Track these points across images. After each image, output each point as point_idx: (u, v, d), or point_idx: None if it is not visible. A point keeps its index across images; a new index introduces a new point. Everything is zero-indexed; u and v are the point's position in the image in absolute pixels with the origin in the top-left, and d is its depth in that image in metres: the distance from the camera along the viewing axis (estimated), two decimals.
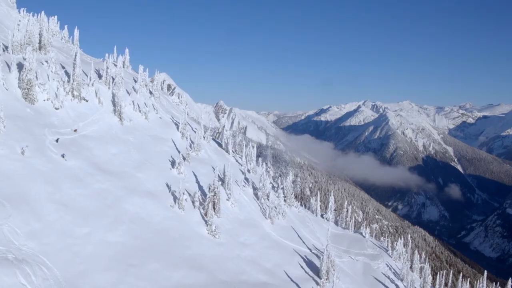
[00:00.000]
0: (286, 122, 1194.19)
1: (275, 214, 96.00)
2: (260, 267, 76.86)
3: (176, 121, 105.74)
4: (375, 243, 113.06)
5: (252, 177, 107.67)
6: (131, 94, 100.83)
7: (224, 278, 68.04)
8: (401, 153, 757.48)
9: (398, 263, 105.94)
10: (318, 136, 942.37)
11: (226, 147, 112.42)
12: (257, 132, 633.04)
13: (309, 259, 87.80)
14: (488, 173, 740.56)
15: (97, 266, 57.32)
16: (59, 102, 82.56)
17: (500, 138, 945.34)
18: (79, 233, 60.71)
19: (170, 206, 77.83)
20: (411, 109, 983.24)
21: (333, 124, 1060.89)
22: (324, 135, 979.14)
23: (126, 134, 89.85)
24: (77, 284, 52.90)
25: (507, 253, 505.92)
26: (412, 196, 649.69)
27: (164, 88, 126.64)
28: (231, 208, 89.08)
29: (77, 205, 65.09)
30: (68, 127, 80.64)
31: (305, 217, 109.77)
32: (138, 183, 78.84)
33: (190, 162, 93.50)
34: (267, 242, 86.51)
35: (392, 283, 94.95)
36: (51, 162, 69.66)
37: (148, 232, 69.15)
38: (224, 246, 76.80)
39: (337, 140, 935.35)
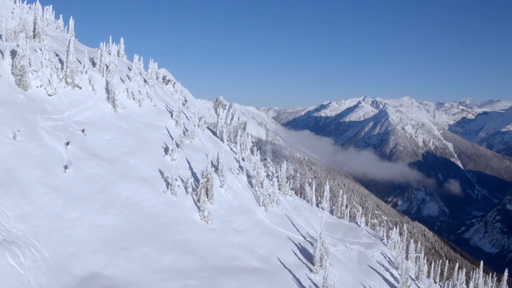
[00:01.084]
0: (286, 118, 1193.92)
1: (269, 202, 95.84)
2: (253, 253, 76.70)
3: (170, 109, 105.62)
4: (370, 232, 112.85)
5: (246, 165, 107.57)
6: (125, 82, 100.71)
7: (215, 263, 67.90)
8: (401, 148, 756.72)
9: (393, 252, 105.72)
10: (318, 132, 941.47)
11: (221, 135, 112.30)
12: (256, 127, 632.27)
13: (303, 247, 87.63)
14: (488, 169, 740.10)
15: (87, 248, 57.26)
16: (52, 88, 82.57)
17: (500, 134, 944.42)
18: (69, 216, 60.68)
19: (162, 192, 77.75)
20: (411, 105, 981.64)
21: (333, 120, 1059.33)
22: (324, 131, 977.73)
23: (119, 121, 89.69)
24: (66, 266, 52.82)
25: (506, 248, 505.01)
26: (412, 192, 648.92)
27: (160, 78, 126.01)
28: (225, 194, 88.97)
29: (68, 189, 65.04)
30: (61, 114, 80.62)
31: (300, 206, 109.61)
32: (130, 168, 78.74)
33: (184, 149, 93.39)
34: (261, 229, 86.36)
35: (386, 271, 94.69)
36: (43, 147, 69.58)
37: (139, 216, 69.06)
38: (217, 232, 76.67)
39: (337, 136, 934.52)
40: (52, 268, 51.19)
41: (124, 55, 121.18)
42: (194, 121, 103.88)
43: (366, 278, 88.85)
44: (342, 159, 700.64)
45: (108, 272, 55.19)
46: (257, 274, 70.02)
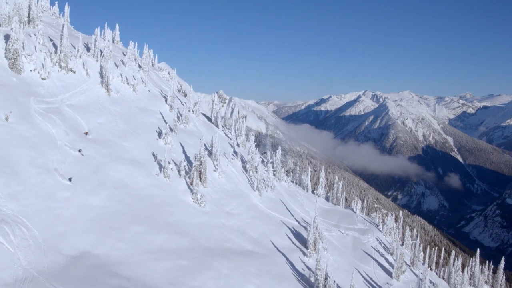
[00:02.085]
0: (286, 112, 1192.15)
1: (264, 187, 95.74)
2: (246, 236, 76.63)
3: (165, 95, 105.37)
4: (366, 219, 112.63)
5: (241, 151, 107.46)
6: (119, 67, 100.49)
7: (207, 244, 67.81)
8: (401, 143, 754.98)
9: (388, 238, 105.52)
10: (318, 126, 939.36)
11: (216, 121, 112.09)
12: (256, 121, 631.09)
13: (297, 231, 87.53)
14: (488, 163, 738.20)
15: (78, 228, 57.23)
16: (46, 72, 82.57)
17: (500, 129, 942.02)
18: (60, 196, 60.65)
19: (155, 174, 77.68)
20: (411, 99, 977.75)
21: (333, 114, 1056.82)
22: (324, 125, 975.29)
23: (113, 105, 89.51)
24: (56, 244, 52.76)
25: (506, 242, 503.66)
26: (411, 186, 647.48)
27: (155, 65, 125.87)
28: (218, 179, 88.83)
29: (60, 170, 64.95)
30: (55, 97, 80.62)
31: (295, 192, 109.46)
32: (123, 151, 78.63)
33: (178, 133, 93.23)
34: (254, 212, 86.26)
35: (381, 257, 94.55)
36: (35, 128, 69.53)
37: (131, 197, 68.99)
38: (209, 214, 76.58)
39: (337, 130, 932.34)
40: (42, 246, 51.06)
41: (120, 42, 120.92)
42: (188, 106, 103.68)
43: (360, 263, 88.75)
44: (342, 153, 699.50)
45: (98, 251, 55.13)
46: (250, 257, 70.00)
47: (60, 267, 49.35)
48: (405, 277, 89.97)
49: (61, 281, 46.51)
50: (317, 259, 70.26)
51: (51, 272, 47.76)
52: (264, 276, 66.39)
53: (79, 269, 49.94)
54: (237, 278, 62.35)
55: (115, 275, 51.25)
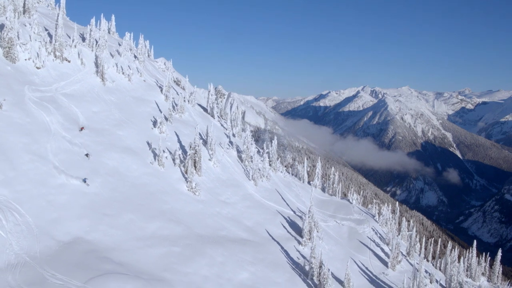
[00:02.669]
0: (285, 108, 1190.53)
1: (259, 176, 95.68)
2: (241, 225, 76.54)
3: (160, 85, 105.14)
4: (362, 209, 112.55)
5: (237, 141, 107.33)
6: (114, 57, 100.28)
7: (202, 232, 67.67)
8: (400, 138, 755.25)
9: (384, 229, 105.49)
10: (317, 121, 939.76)
11: (212, 111, 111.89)
12: (255, 116, 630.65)
13: (292, 220, 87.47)
14: (487, 159, 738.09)
15: (71, 214, 57.07)
16: (41, 61, 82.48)
17: (499, 124, 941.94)
18: (53, 183, 60.51)
19: (149, 162, 77.57)
20: (410, 94, 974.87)
21: (332, 109, 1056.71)
22: (323, 120, 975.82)
23: (108, 94, 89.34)
24: (49, 230, 52.64)
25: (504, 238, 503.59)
26: (410, 182, 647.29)
27: (151, 56, 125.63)
28: (213, 168, 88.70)
29: (53, 158, 64.72)
30: (49, 86, 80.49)
31: (291, 183, 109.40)
32: (118, 139, 78.48)
33: (173, 123, 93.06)
34: (249, 202, 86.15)
35: (377, 247, 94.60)
36: (29, 116, 69.39)
37: (125, 185, 68.84)
38: (204, 203, 76.47)
39: (336, 126, 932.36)
40: (35, 232, 50.98)
41: (115, 33, 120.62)
42: (184, 97, 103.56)
43: (356, 253, 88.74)
44: (340, 148, 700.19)
45: (91, 237, 54.96)
46: (244, 245, 69.91)
47: (53, 252, 49.22)
48: (401, 267, 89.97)
49: (53, 266, 46.39)
50: (312, 247, 70.24)
51: (43, 257, 47.63)
52: (258, 264, 66.35)
53: (71, 254, 49.80)
54: (231, 266, 62.27)
55: (107, 260, 51.11)
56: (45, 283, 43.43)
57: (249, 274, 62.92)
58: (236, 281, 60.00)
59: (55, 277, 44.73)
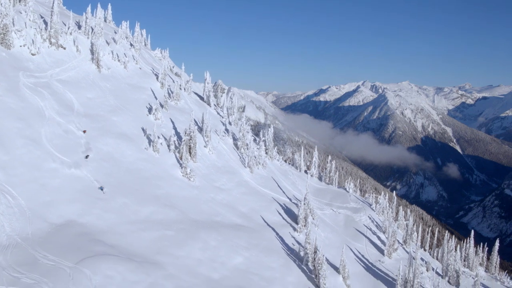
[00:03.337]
0: (285, 102, 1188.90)
1: (255, 164, 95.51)
2: (236, 211, 76.41)
3: (156, 73, 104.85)
4: (358, 198, 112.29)
5: (233, 129, 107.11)
6: (110, 45, 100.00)
7: (196, 217, 67.60)
8: (400, 133, 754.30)
9: (381, 217, 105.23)
10: (317, 116, 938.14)
11: (208, 99, 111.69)
12: (255, 111, 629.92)
13: (288, 207, 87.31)
14: (487, 154, 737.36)
15: (64, 198, 57.11)
16: (36, 48, 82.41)
17: (499, 119, 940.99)
18: (47, 167, 60.55)
19: (144, 148, 77.47)
20: (410, 89, 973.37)
21: (332, 104, 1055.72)
22: (323, 115, 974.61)
23: (103, 81, 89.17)
24: (42, 213, 52.68)
25: (504, 233, 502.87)
26: (410, 176, 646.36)
27: (148, 45, 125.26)
28: (209, 154, 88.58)
29: (47, 142, 64.70)
30: (44, 72, 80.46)
31: (288, 171, 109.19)
32: (112, 125, 78.38)
33: (168, 110, 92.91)
34: (245, 188, 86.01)
35: (373, 235, 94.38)
36: (24, 101, 69.43)
37: (119, 170, 68.80)
38: (199, 189, 76.37)
39: (336, 120, 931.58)
40: (27, 214, 51.04)
41: (112, 21, 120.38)
42: (180, 84, 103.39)
43: (352, 241, 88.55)
44: (340, 143, 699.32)
45: (84, 220, 55.00)
46: (239, 230, 69.82)
47: (45, 234, 49.30)
48: (397, 254, 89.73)
49: (45, 247, 46.43)
50: (307, 233, 70.06)
51: (35, 239, 47.69)
52: (253, 249, 66.24)
53: (63, 236, 49.82)
54: (225, 250, 62.18)
55: (100, 243, 51.11)
56: (36, 264, 43.41)
57: (243, 259, 62.81)
58: (230, 265, 59.91)
59: (47, 258, 44.74)
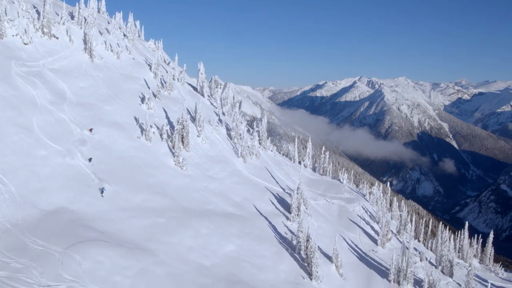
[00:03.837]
0: (282, 98, 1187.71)
1: (248, 153, 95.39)
2: (228, 200, 76.30)
3: (149, 63, 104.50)
4: (352, 189, 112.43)
5: (226, 120, 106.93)
6: (103, 35, 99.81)
7: (188, 205, 67.48)
8: (396, 128, 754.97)
9: (374, 207, 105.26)
10: (313, 111, 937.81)
11: (201, 90, 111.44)
12: (251, 106, 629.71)
13: (281, 197, 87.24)
14: (483, 149, 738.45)
15: (55, 185, 56.89)
16: (29, 38, 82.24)
17: (495, 115, 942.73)
18: (38, 154, 60.37)
19: (136, 137, 77.31)
20: (407, 85, 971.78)
21: (329, 99, 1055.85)
22: (320, 110, 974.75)
23: (96, 71, 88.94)
24: (33, 200, 52.48)
25: (500, 228, 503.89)
26: (407, 172, 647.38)
27: (142, 36, 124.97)
28: (202, 144, 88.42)
29: (38, 130, 64.52)
30: (37, 61, 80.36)
31: (282, 162, 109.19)
32: (105, 114, 78.18)
33: (162, 100, 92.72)
34: (238, 178, 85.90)
35: (367, 225, 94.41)
36: (15, 90, 69.39)
37: (111, 158, 68.67)
38: (191, 177, 76.25)
39: (333, 116, 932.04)
40: (18, 201, 50.85)
41: (105, 12, 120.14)
42: (173, 75, 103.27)
43: (346, 231, 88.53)
44: (337, 138, 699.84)
45: (75, 207, 54.79)
46: (231, 219, 69.69)
47: (35, 221, 49.09)
48: (390, 244, 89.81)
49: (35, 233, 46.21)
50: (299, 222, 70.02)
51: (25, 225, 47.47)
52: (245, 238, 66.14)
53: (54, 222, 49.62)
54: (217, 238, 62.09)
55: (90, 229, 50.91)
56: (26, 249, 43.22)
57: (235, 247, 62.74)
58: (221, 253, 59.80)
59: (36, 243, 44.55)
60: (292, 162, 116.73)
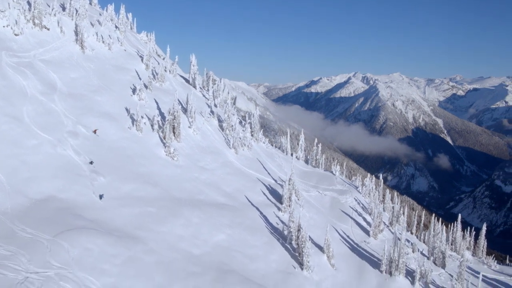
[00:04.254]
0: (277, 94, 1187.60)
1: (240, 145, 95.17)
2: (220, 190, 76.11)
3: (141, 55, 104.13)
4: (345, 181, 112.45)
5: (218, 111, 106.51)
6: (95, 26, 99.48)
7: (178, 195, 67.31)
8: (391, 124, 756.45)
9: (367, 199, 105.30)
10: (308, 107, 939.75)
11: (193, 82, 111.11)
12: (246, 102, 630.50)
13: (273, 188, 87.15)
14: (478, 145, 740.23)
15: (45, 174, 56.71)
16: (19, 28, 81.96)
17: (489, 111, 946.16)
18: (28, 144, 60.23)
19: (127, 127, 76.99)
20: (402, 81, 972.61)
21: (323, 95, 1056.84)
22: (314, 106, 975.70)
23: (87, 62, 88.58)
24: (22, 189, 52.39)
25: (494, 223, 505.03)
26: (401, 167, 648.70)
27: (134, 29, 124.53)
28: (193, 135, 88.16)
29: (28, 120, 64.31)
30: (27, 52, 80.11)
31: (274, 154, 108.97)
32: (96, 105, 77.92)
33: (153, 91, 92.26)
34: (229, 169, 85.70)
35: (359, 216, 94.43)
36: (6, 80, 69.32)
37: (101, 148, 68.36)
38: (182, 168, 76.04)
39: (327, 112, 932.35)
40: (7, 189, 50.79)
41: (97, 4, 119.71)
42: (165, 66, 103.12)
43: (338, 222, 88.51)
44: (331, 134, 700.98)
45: (64, 196, 54.63)
46: (222, 209, 69.51)
47: (24, 209, 49.03)
48: (383, 236, 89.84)
49: (24, 221, 46.13)
50: (291, 212, 69.95)
51: (14, 213, 47.39)
52: (236, 228, 66.01)
53: (43, 211, 49.56)
54: (207, 228, 61.93)
55: (79, 217, 50.81)
56: (14, 237, 43.13)
57: (226, 236, 62.62)
58: (212, 242, 59.70)
59: (25, 231, 44.47)
60: (284, 154, 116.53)
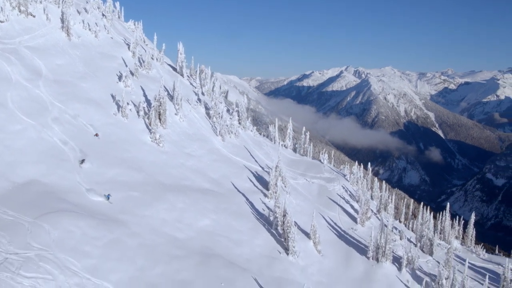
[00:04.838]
0: (269, 88, 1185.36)
1: (227, 132, 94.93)
2: (206, 177, 76.00)
3: (128, 43, 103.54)
4: (333, 169, 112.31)
5: (206, 99, 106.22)
6: (81, 14, 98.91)
7: (163, 180, 67.20)
8: (383, 118, 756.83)
9: (355, 187, 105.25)
10: (300, 101, 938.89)
11: (181, 70, 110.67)
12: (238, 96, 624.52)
13: (259, 175, 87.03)
14: (469, 139, 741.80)
15: (28, 159, 56.58)
16: (5, 16, 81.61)
17: (481, 105, 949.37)
18: (12, 129, 60.10)
19: (113, 114, 76.66)
20: (393, 74, 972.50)
21: (315, 89, 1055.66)
22: (306, 100, 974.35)
23: (73, 49, 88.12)
24: (4, 173, 52.35)
25: (486, 216, 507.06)
26: (393, 161, 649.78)
27: (121, 18, 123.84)
28: (180, 122, 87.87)
29: (13, 105, 64.12)
30: (13, 39, 79.66)
31: (262, 142, 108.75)
32: (81, 91, 77.54)
33: (139, 78, 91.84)
34: (216, 156, 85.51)
35: (347, 203, 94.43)
36: None
37: (86, 134, 68.10)
38: (168, 154, 75.87)
39: (319, 105, 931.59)
40: None
41: None
42: (152, 54, 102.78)
43: (325, 209, 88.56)
44: (323, 127, 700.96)
45: (47, 180, 54.52)
46: (208, 194, 69.53)
47: (6, 192, 48.97)
48: (370, 223, 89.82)
49: (5, 204, 45.98)
50: (276, 198, 69.97)
51: None
52: (221, 213, 66.08)
53: (25, 194, 49.39)
54: (192, 213, 61.97)
55: (63, 201, 50.71)
56: None
57: (210, 221, 62.68)
58: (196, 226, 59.76)
59: (6, 214, 44.37)
60: (272, 143, 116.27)
